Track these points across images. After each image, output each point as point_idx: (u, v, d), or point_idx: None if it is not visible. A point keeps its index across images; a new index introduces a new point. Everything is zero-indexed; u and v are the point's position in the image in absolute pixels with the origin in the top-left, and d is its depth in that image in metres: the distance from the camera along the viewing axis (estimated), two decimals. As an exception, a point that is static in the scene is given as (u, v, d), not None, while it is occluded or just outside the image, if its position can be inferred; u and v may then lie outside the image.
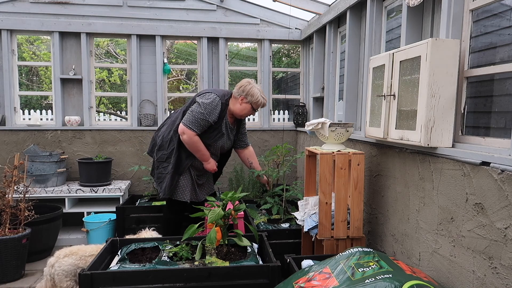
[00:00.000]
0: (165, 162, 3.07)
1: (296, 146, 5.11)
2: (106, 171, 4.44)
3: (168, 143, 3.06)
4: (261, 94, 3.09)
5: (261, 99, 3.09)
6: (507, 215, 1.64)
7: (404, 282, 1.61)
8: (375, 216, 2.86)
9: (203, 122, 2.94)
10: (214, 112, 2.95)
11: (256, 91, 3.06)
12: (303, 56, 5.16)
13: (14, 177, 3.50)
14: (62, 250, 2.62)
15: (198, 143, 2.98)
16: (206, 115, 2.92)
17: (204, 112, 2.91)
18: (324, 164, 2.62)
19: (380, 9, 3.06)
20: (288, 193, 3.55)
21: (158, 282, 2.11)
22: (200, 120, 2.93)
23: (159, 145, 3.12)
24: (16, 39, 4.64)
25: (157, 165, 3.14)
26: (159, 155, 3.11)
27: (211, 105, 2.93)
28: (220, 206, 2.44)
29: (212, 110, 2.94)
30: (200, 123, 2.93)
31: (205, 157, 3.08)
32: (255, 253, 2.48)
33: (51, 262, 2.57)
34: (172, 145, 3.05)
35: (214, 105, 2.95)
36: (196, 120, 2.92)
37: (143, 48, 4.80)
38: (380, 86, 2.54)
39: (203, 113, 2.91)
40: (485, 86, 2.23)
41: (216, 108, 2.96)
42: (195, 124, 2.92)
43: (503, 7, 2.19)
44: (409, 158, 2.38)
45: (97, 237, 3.83)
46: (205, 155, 3.07)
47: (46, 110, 8.85)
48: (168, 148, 3.06)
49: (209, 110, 2.93)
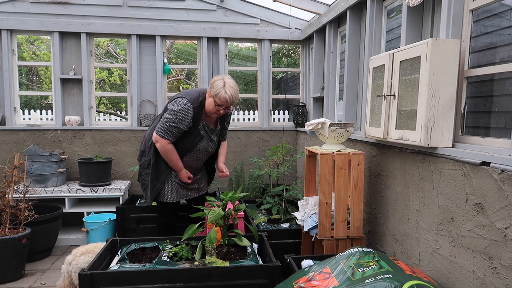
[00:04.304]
0: (147, 169, 2.98)
1: (296, 146, 5.11)
2: (106, 171, 4.44)
3: (149, 149, 2.96)
4: (225, 88, 2.74)
5: (222, 92, 2.73)
6: (507, 215, 1.64)
7: (404, 282, 1.61)
8: (375, 216, 2.86)
9: (175, 130, 2.80)
10: (186, 118, 2.79)
11: (218, 84, 2.76)
12: (303, 56, 5.16)
13: (14, 177, 3.50)
14: (78, 248, 2.69)
15: (171, 152, 2.85)
16: (177, 122, 2.77)
17: (175, 119, 2.77)
18: (324, 164, 2.62)
19: (380, 9, 3.06)
20: (288, 193, 3.55)
21: (158, 282, 2.11)
22: (172, 128, 2.79)
23: (142, 150, 3.04)
24: (16, 39, 4.64)
25: (141, 171, 3.06)
26: (142, 161, 3.03)
27: (181, 111, 2.77)
28: (220, 206, 2.44)
29: (183, 116, 2.78)
30: (172, 131, 2.79)
31: (177, 168, 2.93)
32: (255, 253, 2.48)
33: (68, 260, 2.65)
34: (152, 151, 2.95)
35: (185, 111, 2.78)
36: (168, 128, 2.79)
37: (143, 48, 4.80)
38: (380, 86, 2.54)
39: (174, 120, 2.77)
40: (485, 86, 2.23)
41: (187, 114, 2.79)
42: (167, 132, 2.79)
43: (503, 7, 2.19)
44: (409, 158, 2.38)
45: (97, 237, 3.83)
46: (177, 166, 2.92)
47: (46, 110, 8.85)
48: (148, 154, 2.96)
49: (180, 117, 2.77)
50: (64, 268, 2.66)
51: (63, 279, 2.66)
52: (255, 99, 7.22)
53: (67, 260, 2.65)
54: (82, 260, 2.59)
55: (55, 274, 3.39)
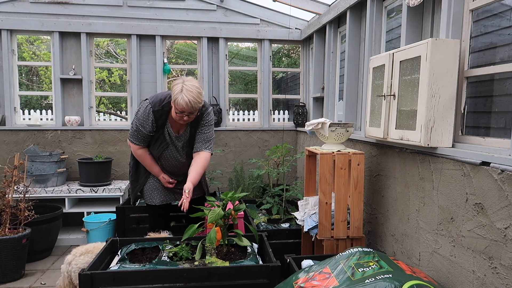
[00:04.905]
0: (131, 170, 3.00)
1: (296, 146, 5.11)
2: (106, 171, 4.44)
3: None
4: (183, 93, 2.44)
5: (179, 98, 2.44)
6: (507, 215, 1.64)
7: (404, 282, 1.61)
8: (375, 216, 2.86)
9: (140, 134, 2.70)
10: (147, 122, 2.66)
11: (176, 88, 2.48)
12: (303, 56, 5.16)
13: (14, 177, 3.50)
14: (78, 248, 2.69)
15: (142, 157, 2.79)
16: (139, 126, 2.68)
17: (137, 123, 2.68)
18: (324, 164, 2.62)
19: (380, 9, 3.06)
20: (288, 193, 3.55)
21: (158, 282, 2.11)
22: (136, 132, 2.70)
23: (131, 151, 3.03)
24: (16, 39, 4.64)
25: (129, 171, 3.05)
26: (129, 161, 3.03)
27: (142, 115, 2.66)
28: (220, 206, 2.44)
29: (144, 120, 2.66)
30: (137, 135, 2.71)
31: (153, 172, 2.86)
32: (255, 253, 2.48)
33: (68, 259, 2.65)
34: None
35: (145, 114, 2.65)
36: (133, 132, 2.71)
37: (143, 48, 4.80)
38: (380, 86, 2.54)
39: (137, 124, 2.68)
40: (485, 86, 2.23)
41: (148, 118, 2.65)
42: (133, 136, 2.73)
43: (503, 7, 2.19)
44: (409, 158, 2.38)
45: (97, 237, 3.83)
46: (152, 170, 2.85)
47: (46, 110, 8.85)
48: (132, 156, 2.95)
49: (141, 121, 2.66)
50: (64, 268, 2.66)
51: (63, 279, 2.66)
52: (255, 99, 7.22)
53: (66, 260, 2.65)
54: (82, 260, 2.59)
55: (55, 274, 3.40)
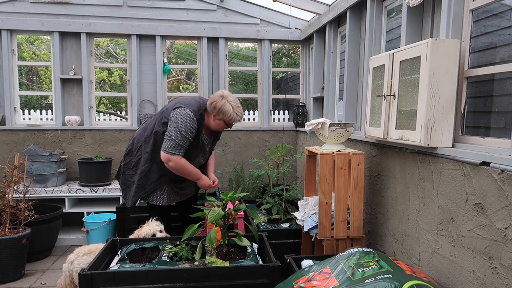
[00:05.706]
0: (132, 170, 2.95)
1: (296, 146, 5.11)
2: (106, 171, 4.44)
3: (136, 151, 2.92)
4: (235, 111, 2.79)
5: (235, 116, 2.80)
6: (507, 215, 1.64)
7: (404, 282, 1.61)
8: (375, 216, 2.86)
9: (186, 143, 2.76)
10: (192, 130, 2.75)
11: (228, 108, 2.76)
12: (303, 56, 5.16)
13: (14, 177, 3.50)
14: (81, 248, 2.69)
15: (187, 165, 2.81)
16: (186, 135, 2.73)
17: (184, 133, 2.72)
18: (324, 164, 2.62)
19: (380, 9, 3.06)
20: (288, 193, 3.55)
21: (158, 282, 2.11)
22: (183, 141, 2.73)
23: (128, 150, 3.00)
24: (16, 39, 4.64)
25: (124, 171, 3.01)
26: (127, 160, 2.98)
27: (188, 124, 2.73)
28: (220, 206, 2.44)
29: (190, 129, 2.74)
30: (182, 145, 2.74)
31: (198, 176, 2.91)
32: (255, 253, 2.48)
33: (70, 259, 2.65)
34: (139, 154, 2.90)
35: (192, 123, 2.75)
36: (178, 143, 2.72)
37: (143, 48, 4.80)
38: (380, 86, 2.54)
39: (183, 134, 2.72)
40: (485, 86, 2.23)
41: (193, 126, 2.75)
42: (177, 148, 2.72)
43: (503, 7, 2.19)
44: (409, 158, 2.38)
45: (97, 237, 3.83)
46: (197, 174, 2.90)
47: (46, 110, 8.85)
48: (135, 156, 2.92)
49: (186, 130, 2.73)
50: (66, 266, 2.66)
51: (64, 278, 2.66)
52: (255, 99, 7.22)
53: (69, 259, 2.65)
54: (85, 260, 2.59)
55: (55, 274, 3.40)
